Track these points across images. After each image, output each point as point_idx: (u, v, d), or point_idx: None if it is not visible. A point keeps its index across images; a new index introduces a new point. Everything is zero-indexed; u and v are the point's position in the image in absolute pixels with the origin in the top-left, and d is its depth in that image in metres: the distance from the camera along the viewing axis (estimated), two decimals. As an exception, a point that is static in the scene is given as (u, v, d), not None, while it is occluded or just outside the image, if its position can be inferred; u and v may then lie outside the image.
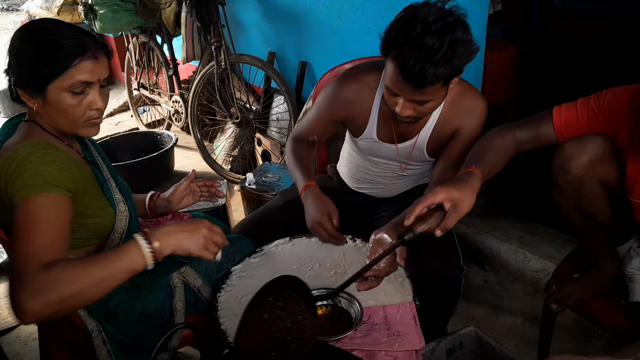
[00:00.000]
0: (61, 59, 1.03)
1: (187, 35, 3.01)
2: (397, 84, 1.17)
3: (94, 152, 1.27)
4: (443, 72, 1.11)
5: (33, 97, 1.07)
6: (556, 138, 1.20)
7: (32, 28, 1.08)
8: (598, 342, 1.76)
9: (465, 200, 1.06)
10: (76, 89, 1.06)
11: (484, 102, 1.38)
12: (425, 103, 1.21)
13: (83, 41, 1.06)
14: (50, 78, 1.04)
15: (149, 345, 1.19)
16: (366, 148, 1.53)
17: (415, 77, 1.11)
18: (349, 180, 1.68)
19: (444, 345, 1.23)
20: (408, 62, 1.09)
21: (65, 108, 1.07)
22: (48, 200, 0.98)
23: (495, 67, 2.48)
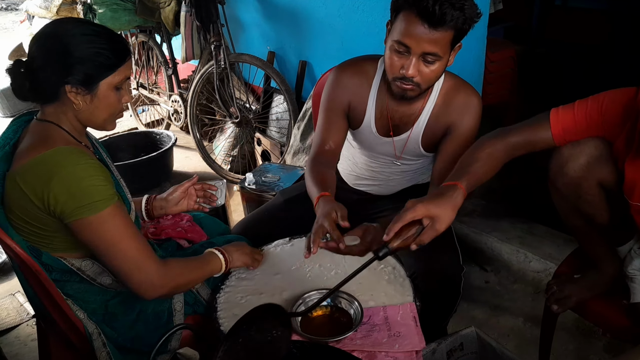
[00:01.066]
0: (117, 57, 1.10)
1: (187, 35, 3.00)
2: (412, 31, 1.19)
3: (102, 153, 1.28)
4: (458, 16, 1.16)
5: (82, 92, 1.08)
6: (554, 142, 1.19)
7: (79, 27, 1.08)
8: (599, 343, 1.75)
9: (444, 218, 1.06)
10: (120, 85, 1.13)
11: (477, 99, 1.39)
12: (432, 63, 1.23)
13: (125, 41, 1.15)
14: (108, 73, 1.09)
15: (148, 346, 1.19)
16: (363, 140, 1.53)
17: (433, 15, 1.15)
18: (348, 178, 1.68)
19: (445, 346, 1.22)
20: (427, 2, 1.14)
21: (111, 103, 1.13)
22: (113, 211, 1.06)
23: (496, 67, 2.47)
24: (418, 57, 1.22)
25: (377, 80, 1.44)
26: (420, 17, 1.17)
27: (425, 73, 1.25)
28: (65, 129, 1.12)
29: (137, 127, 4.04)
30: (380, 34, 2.57)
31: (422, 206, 1.05)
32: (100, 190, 1.04)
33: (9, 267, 2.35)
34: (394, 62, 1.26)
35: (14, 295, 2.22)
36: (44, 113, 1.12)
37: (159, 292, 1.12)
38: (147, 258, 1.10)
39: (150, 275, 1.09)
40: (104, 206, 1.04)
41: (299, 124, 2.71)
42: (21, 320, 2.07)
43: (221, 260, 1.27)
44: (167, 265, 1.14)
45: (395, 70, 1.27)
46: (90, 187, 1.03)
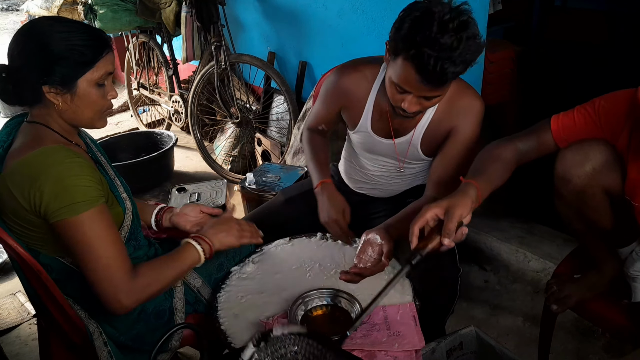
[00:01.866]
0: (93, 52, 1.06)
1: (187, 35, 3.01)
2: (413, 83, 1.17)
3: (96, 152, 1.27)
4: (460, 69, 1.14)
5: (61, 92, 1.06)
6: (555, 143, 1.20)
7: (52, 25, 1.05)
8: (598, 342, 1.75)
9: (457, 204, 1.04)
10: (102, 81, 1.09)
11: (480, 102, 1.38)
12: (434, 98, 1.22)
13: (102, 33, 1.10)
14: (84, 70, 1.05)
15: (149, 345, 1.19)
16: (362, 143, 1.53)
17: (435, 76, 1.12)
18: (349, 181, 1.69)
19: (444, 345, 1.22)
20: (427, 62, 1.10)
21: (95, 100, 1.10)
22: (95, 215, 1.04)
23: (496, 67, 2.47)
24: (418, 97, 1.21)
25: (377, 83, 1.43)
26: (419, 74, 1.14)
27: (427, 105, 1.24)
28: (54, 129, 1.10)
29: (138, 127, 4.05)
30: (380, 35, 2.58)
31: (434, 204, 1.05)
32: (83, 190, 1.02)
33: (10, 267, 2.36)
34: (394, 97, 1.25)
35: (14, 294, 2.23)
36: (32, 114, 1.12)
37: (128, 307, 1.06)
38: (118, 270, 1.05)
39: (117, 290, 1.04)
40: (85, 209, 1.01)
41: (299, 124, 2.71)
42: (22, 319, 2.08)
43: (198, 251, 1.18)
44: (138, 275, 1.08)
45: (396, 103, 1.26)
46: (72, 187, 1.01)
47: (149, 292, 1.10)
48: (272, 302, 1.23)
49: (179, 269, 1.16)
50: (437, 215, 1.04)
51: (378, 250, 1.21)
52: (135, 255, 1.25)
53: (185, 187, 2.57)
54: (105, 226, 1.05)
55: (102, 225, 1.04)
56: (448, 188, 1.39)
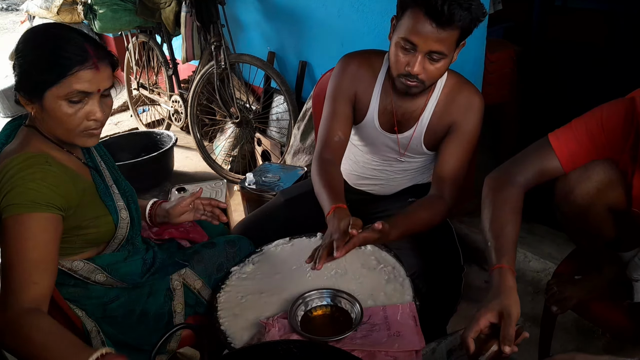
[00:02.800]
0: (59, 66, 1.01)
1: (187, 35, 3.01)
2: (419, 29, 1.20)
3: (96, 157, 1.26)
4: (465, 16, 1.17)
5: (31, 102, 1.06)
6: (563, 170, 1.14)
7: (36, 32, 1.08)
8: (599, 343, 1.75)
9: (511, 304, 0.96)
10: (73, 98, 1.04)
11: (480, 98, 1.40)
12: (437, 61, 1.24)
13: (84, 49, 1.03)
14: (48, 85, 1.02)
15: (148, 345, 1.19)
16: (366, 136, 1.53)
17: (441, 14, 1.16)
18: (349, 177, 1.68)
19: (445, 345, 1.22)
20: (436, 2, 1.15)
21: (61, 116, 1.05)
22: (34, 221, 0.99)
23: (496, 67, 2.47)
24: (424, 55, 1.23)
25: (382, 75, 1.45)
26: (428, 16, 1.18)
27: (430, 70, 1.26)
28: (45, 134, 1.10)
29: (138, 127, 4.04)
30: (380, 35, 2.58)
31: (485, 309, 0.97)
32: (33, 194, 0.99)
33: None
34: (399, 59, 1.27)
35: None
36: (29, 117, 1.13)
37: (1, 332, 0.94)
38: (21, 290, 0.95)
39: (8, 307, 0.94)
40: (26, 210, 0.98)
41: (299, 124, 2.71)
42: (22, 320, 2.07)
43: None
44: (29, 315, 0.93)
45: (400, 67, 1.28)
46: (28, 190, 0.99)
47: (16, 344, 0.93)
48: (272, 303, 1.23)
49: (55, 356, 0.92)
50: (490, 322, 0.96)
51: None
52: (131, 260, 1.24)
53: (185, 187, 2.57)
54: (43, 237, 0.99)
55: (38, 233, 0.99)
56: (448, 184, 1.40)
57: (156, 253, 1.32)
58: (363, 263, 1.35)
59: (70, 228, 1.10)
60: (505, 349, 0.91)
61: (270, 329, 1.11)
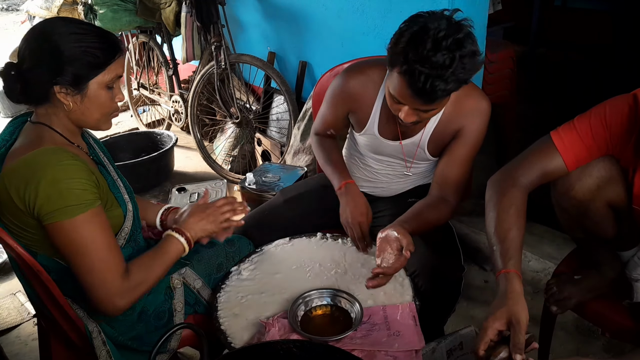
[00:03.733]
0: (105, 55, 1.07)
1: (187, 35, 3.01)
2: (405, 97, 1.18)
3: (99, 153, 1.27)
4: (452, 87, 1.13)
5: (71, 93, 1.07)
6: (567, 170, 1.14)
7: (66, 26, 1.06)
8: (598, 342, 1.76)
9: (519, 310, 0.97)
10: (112, 83, 1.11)
11: (487, 103, 1.39)
12: (430, 111, 1.22)
13: (115, 38, 1.11)
14: (95, 73, 1.07)
15: (148, 346, 1.20)
16: (368, 144, 1.53)
17: (425, 93, 1.12)
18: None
19: (444, 345, 1.23)
20: (418, 79, 1.10)
21: (103, 102, 1.11)
22: (90, 218, 1.04)
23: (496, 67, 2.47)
24: (414, 109, 1.21)
25: (384, 87, 1.42)
26: (411, 90, 1.14)
27: (424, 116, 1.25)
28: (57, 130, 1.11)
29: (138, 127, 4.04)
30: (380, 35, 2.57)
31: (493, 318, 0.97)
32: (77, 194, 1.02)
33: (10, 267, 2.35)
34: (392, 105, 1.26)
35: (14, 294, 2.23)
36: (37, 114, 1.12)
37: (123, 308, 1.10)
38: (112, 272, 1.07)
39: (111, 293, 1.07)
40: (79, 212, 1.02)
41: (299, 124, 2.71)
42: (22, 319, 2.08)
43: (182, 242, 1.21)
44: (130, 278, 1.10)
45: (394, 111, 1.27)
46: (66, 190, 1.01)
47: (141, 291, 1.12)
48: (272, 302, 1.23)
49: (166, 264, 1.18)
50: (499, 330, 0.96)
51: (396, 246, 1.21)
52: (134, 257, 1.24)
53: (185, 187, 2.58)
54: (100, 229, 1.06)
55: (96, 228, 1.05)
56: (453, 188, 1.40)
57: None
58: (363, 263, 1.35)
59: None
60: (516, 357, 0.91)
61: (270, 329, 1.11)
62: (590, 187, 1.12)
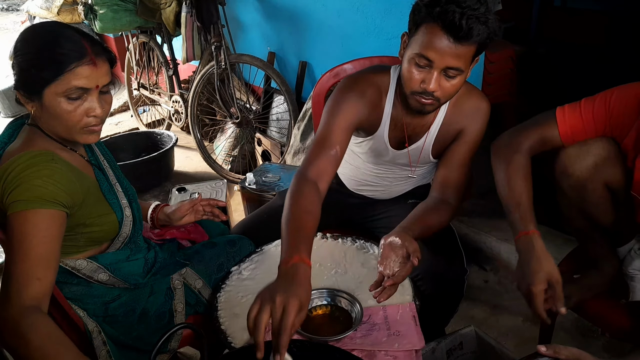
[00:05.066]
0: (56, 63, 1.02)
1: (187, 35, 3.01)
2: (436, 45, 1.16)
3: (99, 156, 1.26)
4: (482, 31, 1.14)
5: (30, 100, 1.06)
6: (561, 142, 1.19)
7: (33, 30, 1.08)
8: (598, 342, 1.76)
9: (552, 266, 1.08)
10: (72, 95, 1.04)
11: (487, 104, 1.39)
12: (453, 78, 1.20)
13: (81, 45, 1.04)
14: (46, 82, 1.02)
15: (148, 346, 1.20)
16: (373, 150, 1.49)
17: (460, 29, 1.13)
18: (349, 183, 1.66)
19: (444, 345, 1.23)
20: (454, 17, 1.11)
21: (61, 113, 1.05)
22: (40, 217, 0.99)
23: (495, 67, 2.47)
24: (440, 72, 1.19)
25: (391, 93, 1.39)
26: (445, 31, 1.14)
27: (446, 87, 1.22)
28: (47, 133, 1.10)
29: (138, 127, 4.05)
30: (380, 35, 2.57)
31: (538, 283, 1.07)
32: (39, 191, 0.99)
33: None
34: (413, 76, 1.22)
35: (15, 295, 2.22)
36: (31, 116, 1.13)
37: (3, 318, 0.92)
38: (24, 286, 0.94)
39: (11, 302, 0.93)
40: (32, 206, 0.98)
41: (299, 124, 2.72)
42: (22, 319, 2.07)
43: None
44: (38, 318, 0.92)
45: (414, 84, 1.23)
46: (34, 187, 0.99)
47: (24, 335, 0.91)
48: (272, 302, 1.23)
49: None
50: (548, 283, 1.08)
51: (401, 253, 1.17)
52: (133, 258, 1.25)
53: (186, 187, 2.57)
54: (48, 233, 0.99)
55: (44, 229, 0.99)
56: (454, 190, 1.39)
57: (157, 253, 1.33)
58: (363, 263, 1.35)
59: (74, 225, 1.10)
60: (561, 310, 1.07)
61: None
62: (588, 165, 1.15)
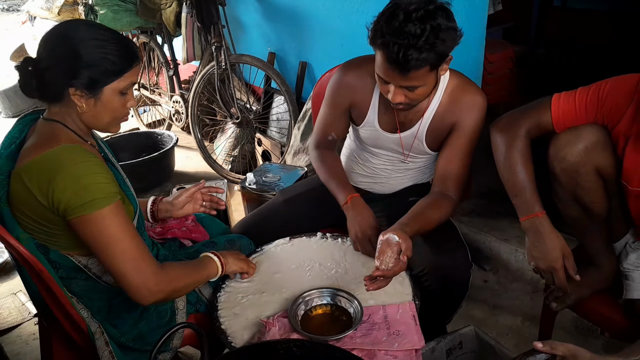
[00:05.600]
0: (123, 63, 1.09)
1: (188, 36, 3.01)
2: (385, 71, 1.22)
3: (108, 153, 1.29)
4: (427, 57, 1.16)
5: (85, 96, 1.08)
6: (553, 127, 1.23)
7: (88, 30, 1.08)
8: (598, 342, 1.76)
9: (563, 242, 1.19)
10: (125, 90, 1.13)
11: (483, 98, 1.40)
12: (415, 89, 1.24)
13: (134, 46, 1.14)
14: (111, 79, 1.09)
15: (150, 345, 1.20)
16: (368, 137, 1.54)
17: (399, 63, 1.17)
18: (349, 176, 1.66)
19: (444, 344, 1.23)
20: (392, 49, 1.15)
21: (116, 107, 1.13)
22: (115, 210, 1.06)
23: (495, 67, 2.48)
24: (399, 87, 1.25)
25: None
26: (388, 63, 1.19)
27: (411, 97, 1.27)
28: (70, 128, 1.12)
29: (139, 127, 4.05)
30: (380, 35, 2.53)
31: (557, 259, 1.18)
32: (101, 187, 1.05)
33: (11, 267, 2.36)
34: (381, 87, 1.30)
35: (15, 294, 2.23)
36: (50, 112, 1.13)
37: (156, 296, 1.10)
38: (145, 260, 1.09)
39: (147, 279, 1.08)
40: (105, 204, 1.04)
41: (299, 124, 2.72)
42: (23, 319, 2.08)
43: (217, 264, 1.26)
44: (165, 269, 1.13)
45: (384, 93, 1.30)
46: (92, 185, 1.03)
47: (173, 286, 1.14)
48: (272, 302, 1.24)
49: (199, 275, 1.22)
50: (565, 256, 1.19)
51: (397, 249, 1.20)
52: None
53: (186, 187, 2.57)
54: (125, 221, 1.09)
55: (122, 219, 1.07)
56: (454, 182, 1.40)
57: (159, 250, 1.35)
58: (363, 262, 1.36)
59: None
60: (576, 277, 1.19)
61: (271, 328, 1.12)
62: (579, 149, 1.18)
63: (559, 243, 1.18)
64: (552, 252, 1.19)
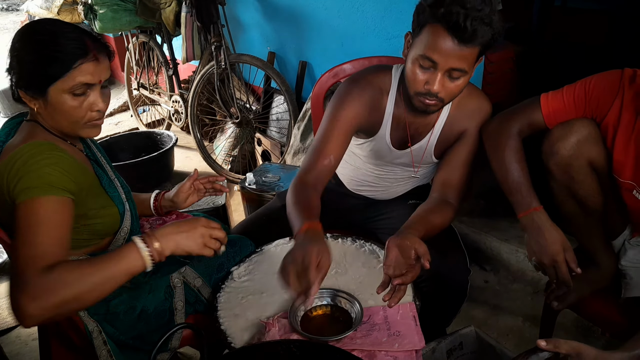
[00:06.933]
0: (62, 61, 1.04)
1: (187, 35, 3.01)
2: (440, 44, 1.15)
3: (96, 152, 1.28)
4: (487, 32, 1.15)
5: (34, 98, 1.08)
6: (545, 124, 1.25)
7: (33, 29, 1.08)
8: (598, 342, 1.76)
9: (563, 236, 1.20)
10: (77, 91, 1.07)
11: (489, 104, 1.40)
12: (457, 79, 1.20)
13: (84, 42, 1.06)
14: (52, 80, 1.04)
15: (149, 345, 1.20)
16: (375, 151, 1.48)
17: (464, 30, 1.12)
18: (349, 183, 1.65)
19: (444, 345, 1.23)
20: (457, 19, 1.11)
21: (67, 109, 1.08)
22: (50, 203, 0.99)
23: (495, 67, 2.47)
24: (444, 73, 1.19)
25: (392, 93, 1.38)
26: (449, 32, 1.14)
27: (450, 88, 1.22)
28: (46, 128, 1.12)
29: (138, 127, 4.05)
30: (380, 35, 2.57)
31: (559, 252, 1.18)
32: (46, 178, 1.00)
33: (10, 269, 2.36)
34: (417, 77, 1.22)
35: (15, 295, 2.23)
36: (30, 113, 1.14)
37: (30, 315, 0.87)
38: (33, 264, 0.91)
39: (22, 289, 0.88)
40: (39, 193, 0.98)
41: (299, 124, 2.72)
42: (22, 319, 2.08)
43: (142, 252, 0.99)
44: (52, 273, 0.90)
45: (419, 85, 1.23)
46: (36, 173, 1.00)
47: (61, 296, 0.90)
48: (272, 302, 1.23)
49: (107, 272, 0.96)
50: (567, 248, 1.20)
51: (409, 254, 1.16)
52: None
53: (185, 187, 2.57)
54: (55, 218, 0.98)
55: (51, 215, 0.98)
56: (455, 190, 1.39)
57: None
58: (363, 263, 1.35)
59: (76, 217, 1.11)
60: (577, 270, 1.19)
61: (271, 329, 1.11)
62: (572, 142, 1.19)
63: (558, 236, 1.19)
64: (552, 246, 1.19)
